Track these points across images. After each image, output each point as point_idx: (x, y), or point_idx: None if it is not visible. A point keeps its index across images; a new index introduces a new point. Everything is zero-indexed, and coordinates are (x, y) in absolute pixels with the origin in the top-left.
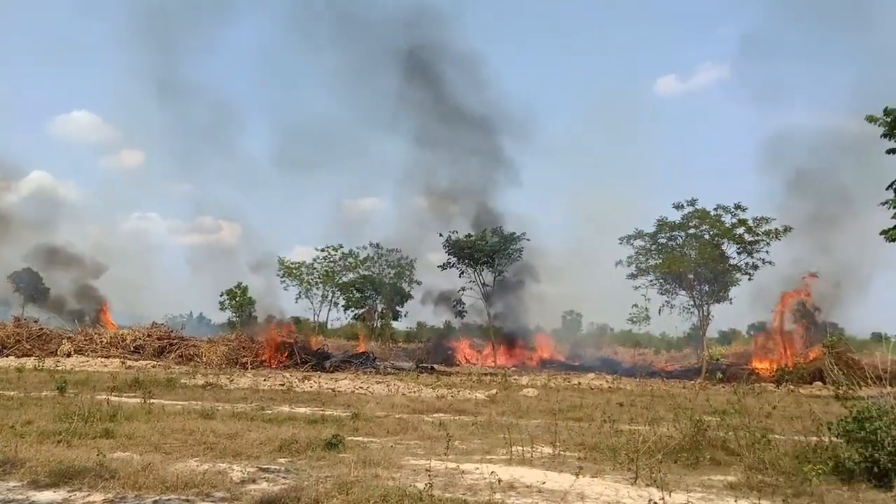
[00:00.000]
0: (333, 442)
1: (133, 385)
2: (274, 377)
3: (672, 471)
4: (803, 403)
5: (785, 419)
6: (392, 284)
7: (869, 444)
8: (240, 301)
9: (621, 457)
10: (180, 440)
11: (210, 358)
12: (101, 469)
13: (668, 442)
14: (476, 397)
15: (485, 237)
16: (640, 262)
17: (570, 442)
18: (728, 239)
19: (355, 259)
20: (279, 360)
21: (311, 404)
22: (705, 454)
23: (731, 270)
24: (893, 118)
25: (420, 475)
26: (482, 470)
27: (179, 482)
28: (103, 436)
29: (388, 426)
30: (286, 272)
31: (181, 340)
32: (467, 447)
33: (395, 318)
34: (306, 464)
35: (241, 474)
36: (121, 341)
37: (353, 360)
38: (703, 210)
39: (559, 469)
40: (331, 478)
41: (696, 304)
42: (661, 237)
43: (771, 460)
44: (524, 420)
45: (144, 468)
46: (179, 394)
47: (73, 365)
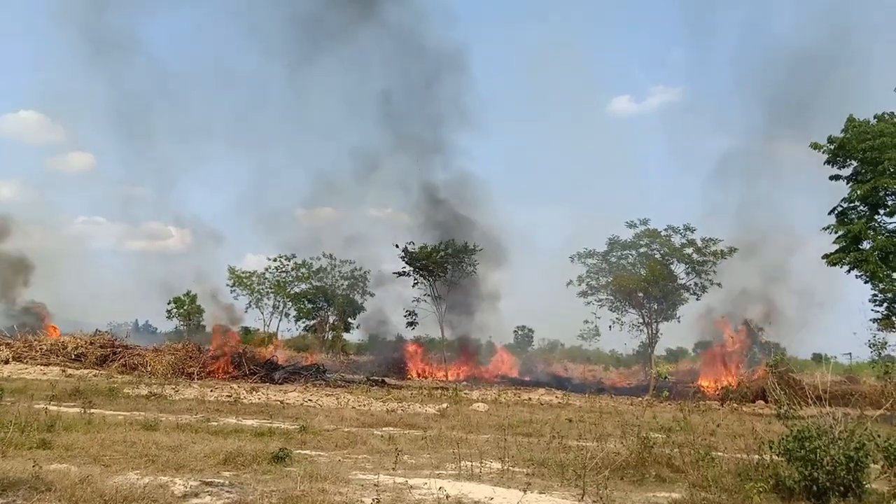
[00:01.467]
0: (280, 455)
1: (73, 394)
2: (221, 388)
3: (618, 487)
4: (746, 422)
5: (728, 437)
6: (345, 296)
7: (809, 462)
8: (188, 309)
9: (569, 473)
10: (121, 452)
11: (155, 367)
12: (37, 481)
13: (615, 458)
14: (426, 411)
15: (439, 249)
16: (591, 280)
17: (519, 457)
18: (677, 259)
19: (308, 269)
20: (227, 371)
21: (259, 416)
22: (651, 471)
23: (679, 290)
24: (836, 146)
25: (368, 490)
26: (430, 485)
27: (118, 496)
28: (40, 447)
29: (337, 440)
30: (236, 281)
31: (125, 349)
32: (416, 462)
33: (346, 329)
34: (252, 477)
35: (183, 488)
36: (62, 348)
37: (303, 371)
38: (653, 230)
39: (507, 485)
40: (276, 492)
41: (646, 322)
42: (612, 255)
43: (714, 478)
44: (474, 435)
45: (82, 481)
46: (122, 404)
47: (11, 372)
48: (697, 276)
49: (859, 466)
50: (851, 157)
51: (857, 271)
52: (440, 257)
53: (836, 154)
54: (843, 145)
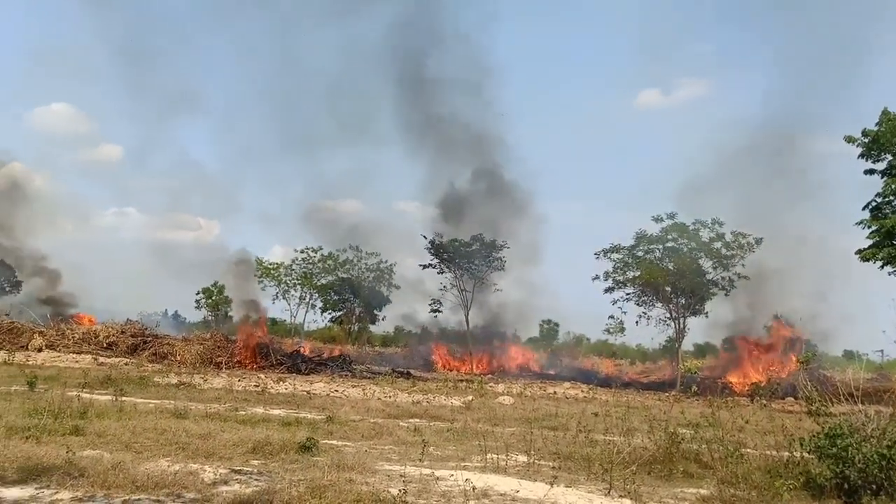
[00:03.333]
0: (307, 445)
1: (105, 382)
2: (249, 378)
3: (645, 482)
4: (776, 418)
5: (758, 434)
6: (370, 288)
7: (840, 460)
8: (216, 300)
9: (596, 467)
10: (152, 439)
11: (184, 357)
12: (70, 467)
13: (643, 453)
14: (452, 403)
15: (468, 242)
16: (618, 275)
17: (545, 451)
18: (705, 253)
19: (334, 261)
20: (254, 361)
21: (286, 406)
22: (679, 466)
23: (707, 284)
24: (871, 139)
25: (394, 481)
26: (457, 477)
27: (150, 482)
28: (73, 433)
29: (363, 430)
30: (264, 273)
31: (155, 338)
32: (442, 453)
33: (372, 321)
34: (279, 466)
35: (213, 475)
36: (93, 337)
37: (329, 362)
38: (681, 224)
39: (533, 478)
40: (304, 481)
41: (673, 317)
42: (639, 250)
43: (743, 474)
44: (499, 428)
45: (114, 467)
46: (152, 392)
47: (44, 360)
48: (725, 269)
49: (892, 464)
50: (886, 151)
51: (890, 267)
52: (468, 251)
53: (870, 148)
54: (878, 139)
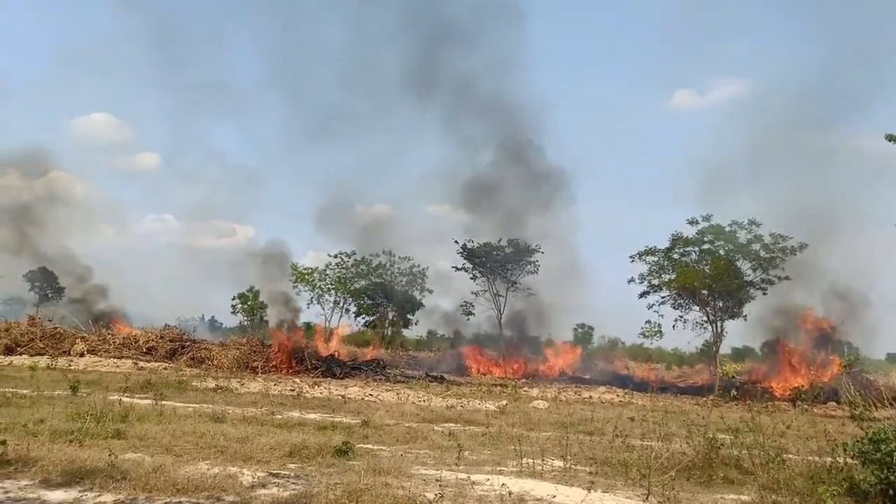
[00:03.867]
0: (343, 449)
1: (145, 386)
2: (284, 382)
3: (685, 488)
4: (818, 423)
5: (799, 439)
6: (403, 292)
7: (885, 466)
8: (251, 305)
9: (633, 472)
10: (191, 443)
11: (221, 361)
12: (113, 470)
13: (681, 459)
14: (486, 408)
15: (501, 246)
16: (653, 278)
17: (581, 456)
18: (743, 256)
19: (367, 266)
20: (289, 366)
21: (321, 410)
22: (718, 472)
23: (745, 287)
24: None
25: (430, 485)
26: (493, 482)
27: (190, 485)
28: (115, 436)
29: (398, 434)
30: (298, 278)
31: (193, 343)
32: (477, 458)
33: (405, 325)
34: (316, 470)
35: (251, 479)
36: (133, 342)
37: (363, 367)
38: (717, 226)
39: (570, 483)
40: (341, 485)
41: (710, 321)
42: (674, 252)
43: (785, 480)
44: (534, 432)
45: (155, 470)
46: (190, 396)
47: (86, 365)
48: (764, 272)
49: None
50: None
51: None
52: (501, 255)
53: None
54: None
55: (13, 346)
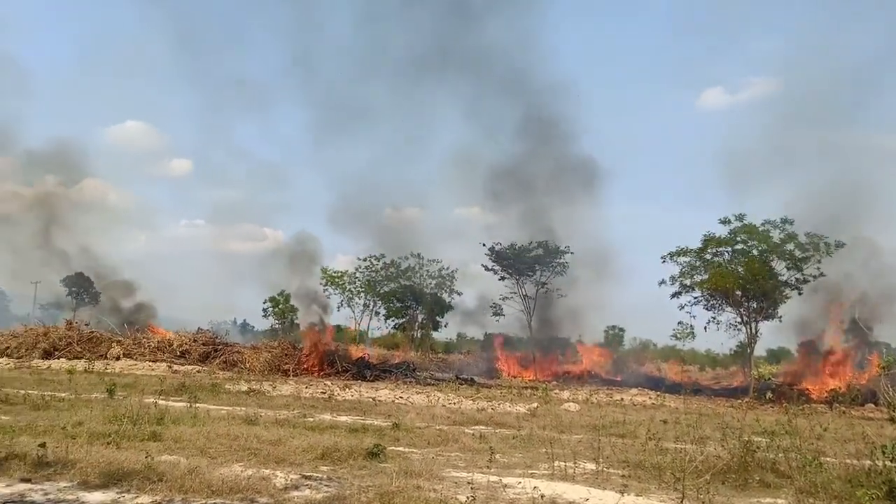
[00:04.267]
0: (375, 451)
1: (179, 389)
2: (315, 385)
3: (720, 492)
4: (856, 426)
5: (837, 441)
6: (433, 295)
7: None
8: (282, 308)
9: (667, 476)
10: (225, 445)
11: (253, 364)
12: (149, 471)
13: (716, 462)
14: (517, 410)
15: (529, 248)
16: (685, 279)
17: (614, 459)
18: (777, 255)
19: (396, 269)
20: (320, 368)
21: (352, 413)
22: (754, 476)
23: (780, 287)
24: None
25: (462, 488)
26: (524, 484)
27: (225, 487)
28: (151, 439)
29: (429, 437)
30: (328, 281)
31: (225, 346)
32: (508, 461)
33: (435, 328)
34: (348, 472)
35: (284, 481)
36: (167, 346)
37: (394, 369)
38: (750, 225)
39: (603, 486)
40: (373, 487)
41: (744, 322)
42: (707, 253)
43: (822, 484)
44: (566, 435)
45: (191, 472)
46: (224, 399)
47: (122, 368)
48: (799, 271)
49: None
50: None
51: None
52: (529, 257)
53: None
54: None
55: (52, 351)
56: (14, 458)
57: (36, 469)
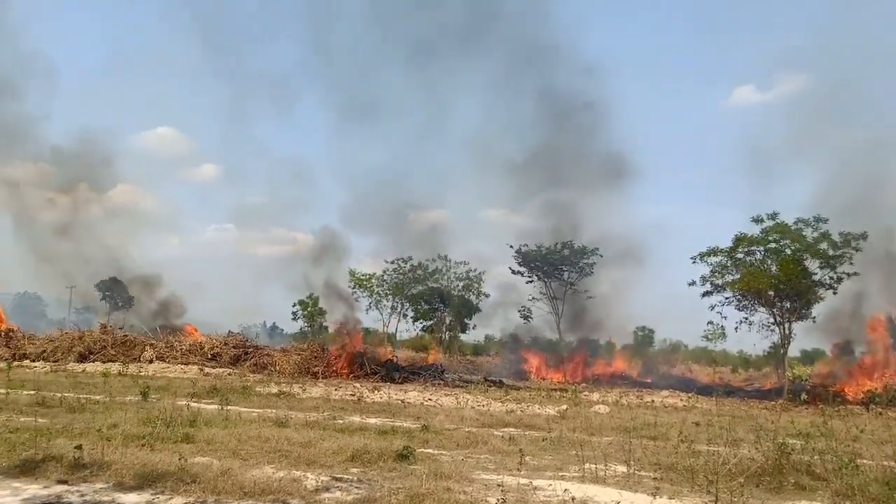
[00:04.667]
0: (404, 453)
1: (211, 392)
2: (345, 387)
3: (754, 495)
4: (893, 427)
5: (874, 443)
6: (460, 297)
7: None
8: (311, 311)
9: (700, 479)
10: (256, 447)
11: (283, 367)
12: (183, 473)
13: (750, 465)
14: (546, 412)
15: (556, 250)
16: (716, 279)
17: (645, 461)
18: (811, 254)
19: (424, 271)
20: (349, 371)
21: (382, 415)
22: (789, 478)
23: (814, 286)
24: None
25: (492, 490)
26: (555, 487)
27: (257, 488)
28: (184, 440)
29: (458, 439)
30: (356, 283)
31: (255, 349)
32: (538, 463)
33: (463, 330)
34: (378, 474)
35: (315, 483)
36: (199, 349)
37: (422, 371)
38: (783, 224)
39: (634, 489)
40: (403, 489)
41: (777, 322)
42: (738, 252)
43: (859, 486)
44: (596, 437)
45: (223, 473)
46: (254, 401)
47: (155, 371)
48: (832, 269)
49: None
50: None
51: None
52: (556, 258)
53: None
54: None
55: (87, 354)
56: (51, 459)
57: (72, 471)
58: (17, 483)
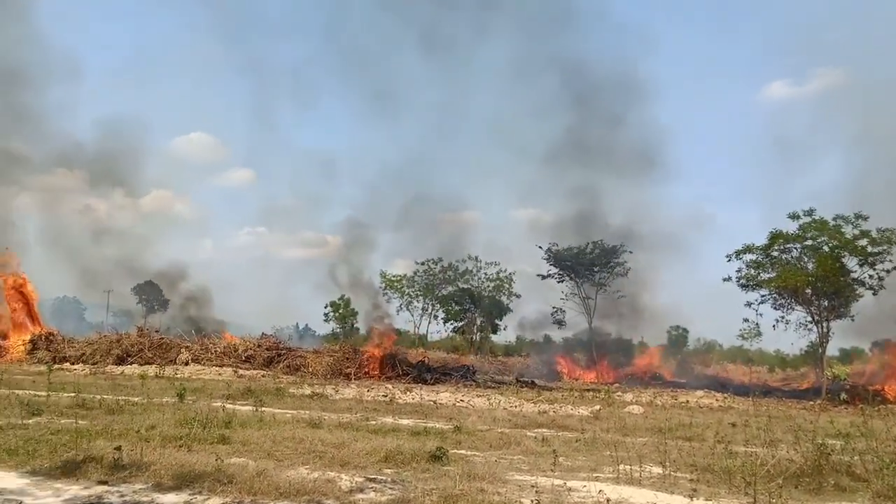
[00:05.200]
0: (437, 454)
1: (245, 393)
2: (377, 388)
3: (793, 496)
4: None
5: None
6: (491, 297)
7: None
8: (343, 313)
9: (737, 480)
10: (290, 448)
11: (316, 368)
12: (220, 474)
13: (788, 465)
14: (579, 413)
15: (586, 251)
16: (751, 276)
17: (681, 462)
18: (849, 251)
19: (454, 272)
20: (381, 372)
21: (414, 416)
22: (829, 479)
23: (852, 284)
24: None
25: (526, 491)
26: (589, 488)
27: (292, 489)
28: (220, 442)
29: (491, 440)
30: (387, 285)
31: (288, 351)
32: (572, 464)
33: (493, 331)
34: (412, 475)
35: (349, 483)
36: (233, 351)
37: (453, 372)
38: (821, 220)
39: (670, 490)
40: (436, 490)
41: (815, 321)
42: (774, 249)
43: None
44: (630, 438)
45: (259, 474)
46: (288, 403)
47: (191, 373)
48: (871, 267)
49: None
50: None
51: None
52: (588, 258)
53: None
54: None
55: (124, 357)
56: (91, 461)
57: (112, 471)
58: (58, 484)
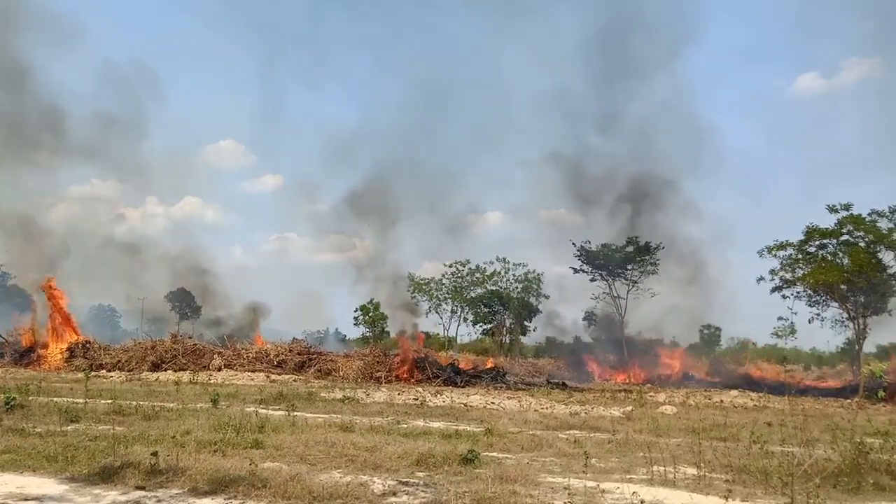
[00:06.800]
0: (469, 457)
1: (277, 398)
2: (407, 391)
3: (831, 496)
4: None
5: None
6: (519, 299)
7: None
8: (372, 316)
9: (774, 480)
10: (323, 452)
11: (346, 372)
12: (254, 478)
13: (826, 465)
14: (611, 414)
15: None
16: (786, 273)
17: (716, 463)
18: (886, 246)
19: (482, 274)
20: (412, 375)
21: (445, 419)
22: (868, 479)
23: (889, 280)
24: None
25: (558, 493)
26: (623, 490)
27: (325, 493)
28: (254, 446)
29: (522, 442)
30: (416, 288)
31: (319, 355)
32: (605, 466)
33: (523, 332)
34: (444, 478)
35: (382, 487)
36: (265, 356)
37: (484, 375)
38: (857, 215)
39: (706, 491)
40: (469, 493)
41: (851, 317)
42: (809, 245)
43: None
44: (664, 439)
45: (293, 478)
46: (320, 407)
47: (224, 378)
48: None
49: None
50: None
51: None
52: (620, 256)
53: None
54: None
55: (159, 363)
56: (129, 466)
57: (149, 477)
58: (97, 490)
